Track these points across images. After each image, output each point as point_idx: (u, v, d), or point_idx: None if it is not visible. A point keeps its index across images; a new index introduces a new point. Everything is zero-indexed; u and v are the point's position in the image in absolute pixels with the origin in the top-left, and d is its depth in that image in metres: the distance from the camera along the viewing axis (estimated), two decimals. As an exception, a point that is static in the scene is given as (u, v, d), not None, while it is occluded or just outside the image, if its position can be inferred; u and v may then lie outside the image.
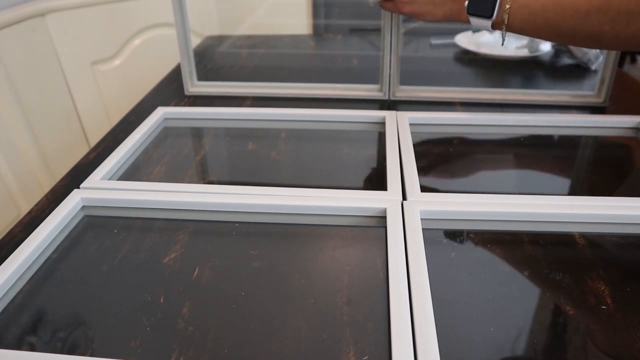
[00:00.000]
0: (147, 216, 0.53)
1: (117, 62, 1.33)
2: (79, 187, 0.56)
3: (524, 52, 0.99)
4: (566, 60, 0.98)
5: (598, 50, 0.97)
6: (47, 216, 0.51)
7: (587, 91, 0.79)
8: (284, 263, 0.46)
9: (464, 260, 0.45)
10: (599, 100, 0.77)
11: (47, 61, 1.19)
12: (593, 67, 0.92)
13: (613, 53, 0.73)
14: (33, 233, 0.48)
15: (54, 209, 0.52)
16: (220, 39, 1.22)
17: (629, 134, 0.69)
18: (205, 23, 1.41)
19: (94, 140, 1.30)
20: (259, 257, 0.46)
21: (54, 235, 0.50)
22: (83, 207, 0.54)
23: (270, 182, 0.59)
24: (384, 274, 0.43)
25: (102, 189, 0.56)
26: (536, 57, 0.99)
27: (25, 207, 1.07)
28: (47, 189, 0.61)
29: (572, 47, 0.95)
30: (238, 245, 0.48)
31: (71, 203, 0.53)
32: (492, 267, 0.45)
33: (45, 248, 0.48)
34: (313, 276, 0.44)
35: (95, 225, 0.52)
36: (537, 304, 0.41)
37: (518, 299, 0.41)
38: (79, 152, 1.10)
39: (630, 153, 0.65)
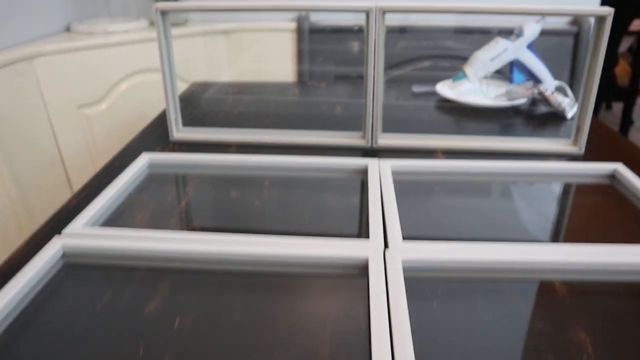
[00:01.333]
0: (129, 264, 0.52)
1: (103, 106, 1.34)
2: (60, 234, 0.56)
3: (503, 101, 1.02)
4: (543, 109, 1.01)
5: (572, 99, 1.00)
6: (26, 263, 0.50)
7: (564, 139, 0.81)
8: (266, 313, 0.45)
9: (445, 309, 0.46)
10: (575, 148, 0.79)
11: (33, 104, 1.20)
12: (568, 116, 0.95)
13: (588, 102, 0.75)
14: (10, 281, 0.47)
15: (33, 256, 0.52)
16: (206, 85, 1.24)
17: (606, 181, 0.71)
18: (192, 69, 1.44)
19: (77, 185, 1.29)
20: (241, 307, 0.46)
21: (32, 284, 0.49)
22: (64, 255, 0.54)
23: (253, 230, 0.59)
24: (366, 324, 0.43)
25: (84, 235, 0.55)
26: (515, 105, 1.02)
27: (4, 253, 1.05)
28: (27, 234, 0.60)
29: (549, 96, 0.98)
30: (220, 294, 0.48)
31: (51, 250, 0.53)
32: (474, 316, 0.45)
33: (23, 297, 0.47)
34: (295, 326, 0.44)
35: (75, 274, 0.51)
36: (519, 353, 0.41)
37: (500, 348, 0.41)
38: (62, 196, 1.09)
39: (607, 200, 0.66)
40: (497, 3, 0.71)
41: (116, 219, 0.61)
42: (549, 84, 1.07)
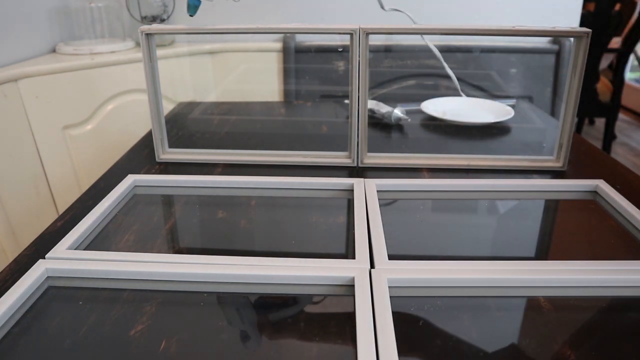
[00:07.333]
0: (114, 287, 0.52)
1: (89, 126, 1.33)
2: (44, 257, 0.55)
3: (487, 119, 1.03)
4: (526, 125, 1.02)
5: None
6: (9, 287, 0.50)
7: (547, 156, 0.82)
8: (252, 335, 0.45)
9: (432, 328, 0.46)
10: (558, 164, 0.80)
11: (17, 126, 1.19)
12: (393, 122, 1.00)
13: (569, 120, 0.76)
14: (-6, 307, 0.47)
15: (17, 280, 0.51)
16: (192, 105, 1.24)
17: (588, 197, 0.72)
18: (178, 89, 1.44)
19: (62, 206, 1.28)
20: (227, 328, 0.46)
21: (16, 308, 0.48)
22: (48, 278, 0.53)
23: (239, 251, 0.59)
24: (353, 344, 0.43)
25: (68, 259, 0.55)
26: (499, 123, 1.03)
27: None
28: (11, 256, 0.60)
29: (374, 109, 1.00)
30: (206, 316, 0.48)
31: (35, 274, 0.52)
32: (460, 333, 0.45)
33: (6, 322, 0.47)
34: (282, 348, 0.44)
35: (60, 297, 0.51)
36: (504, 371, 0.41)
37: (485, 367, 0.41)
38: (47, 218, 1.08)
39: (590, 216, 0.67)
40: (478, 24, 0.73)
41: (101, 241, 0.61)
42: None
